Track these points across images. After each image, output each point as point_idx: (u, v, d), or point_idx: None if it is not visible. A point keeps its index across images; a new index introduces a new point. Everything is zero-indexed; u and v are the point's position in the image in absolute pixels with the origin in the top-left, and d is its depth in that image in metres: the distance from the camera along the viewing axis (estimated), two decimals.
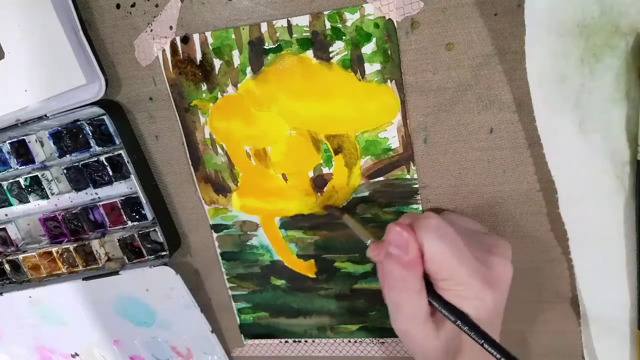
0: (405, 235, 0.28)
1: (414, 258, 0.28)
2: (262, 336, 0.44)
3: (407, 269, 0.28)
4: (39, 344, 0.50)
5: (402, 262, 0.28)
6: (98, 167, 0.39)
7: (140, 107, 0.38)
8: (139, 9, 0.34)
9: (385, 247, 0.29)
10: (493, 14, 0.29)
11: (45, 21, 0.34)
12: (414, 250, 0.28)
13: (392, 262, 0.28)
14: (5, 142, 0.40)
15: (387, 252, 0.29)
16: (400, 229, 0.28)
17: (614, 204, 0.30)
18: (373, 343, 0.42)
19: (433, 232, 0.27)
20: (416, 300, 0.28)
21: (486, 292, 0.28)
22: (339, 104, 0.34)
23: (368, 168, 0.35)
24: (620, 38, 0.26)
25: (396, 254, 0.28)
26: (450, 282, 0.28)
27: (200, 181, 0.39)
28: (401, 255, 0.28)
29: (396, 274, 0.28)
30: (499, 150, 0.32)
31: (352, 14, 0.31)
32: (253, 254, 0.41)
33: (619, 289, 0.32)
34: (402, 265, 0.28)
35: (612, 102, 0.27)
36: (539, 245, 0.34)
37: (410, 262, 0.28)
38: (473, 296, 0.28)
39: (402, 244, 0.28)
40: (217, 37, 0.34)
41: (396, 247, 0.28)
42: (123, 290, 0.43)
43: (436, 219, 0.28)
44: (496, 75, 0.30)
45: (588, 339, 0.35)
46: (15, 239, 0.44)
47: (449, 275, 0.28)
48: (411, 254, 0.28)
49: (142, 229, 0.40)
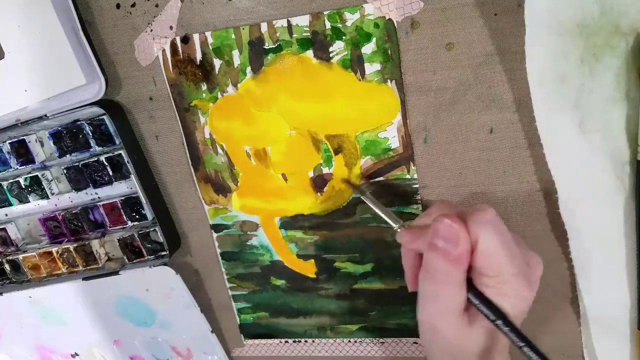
0: (456, 228, 0.26)
1: (463, 253, 0.26)
2: (262, 336, 0.44)
3: (453, 263, 0.26)
4: (39, 344, 0.50)
5: (449, 256, 0.26)
6: (98, 167, 0.39)
7: (140, 107, 0.38)
8: (139, 9, 0.34)
9: (430, 238, 0.27)
10: (493, 14, 0.29)
11: (45, 21, 0.34)
12: (464, 245, 0.26)
13: (438, 255, 0.27)
14: (5, 142, 0.40)
15: (432, 244, 0.27)
16: (451, 222, 0.26)
17: (614, 204, 0.30)
18: (373, 343, 0.42)
19: (491, 227, 0.26)
20: (457, 295, 0.27)
21: (526, 291, 0.27)
22: (339, 104, 0.34)
23: (368, 168, 0.35)
24: (620, 38, 0.26)
25: (444, 248, 0.26)
26: (497, 279, 0.26)
27: (200, 181, 0.39)
28: (450, 249, 0.26)
29: (441, 268, 0.27)
30: (499, 150, 0.32)
31: (352, 14, 0.31)
32: (253, 254, 0.41)
33: (619, 289, 0.32)
34: (449, 260, 0.26)
35: (612, 102, 0.27)
36: (539, 245, 0.34)
37: (459, 257, 0.26)
38: (514, 294, 0.26)
39: (452, 237, 0.26)
40: (217, 37, 0.34)
41: (445, 240, 0.26)
42: (123, 290, 0.43)
43: (492, 213, 0.26)
44: (496, 75, 0.30)
45: (588, 339, 0.35)
46: (15, 239, 0.44)
47: (498, 272, 0.26)
48: (461, 248, 0.26)
49: (142, 229, 0.40)
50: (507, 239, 0.26)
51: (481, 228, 0.26)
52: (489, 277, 0.26)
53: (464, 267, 0.27)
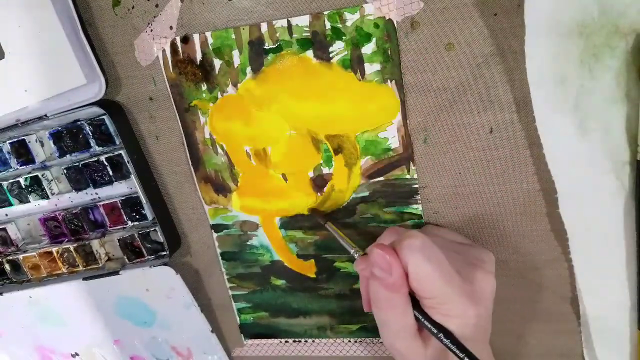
0: (387, 259, 0.28)
1: (397, 279, 0.28)
2: (262, 336, 0.44)
3: (391, 290, 0.28)
4: (39, 344, 0.50)
5: (386, 283, 0.28)
6: (98, 167, 0.39)
7: (140, 107, 0.38)
8: (139, 9, 0.34)
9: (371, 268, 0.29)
10: (493, 14, 0.29)
11: (45, 21, 0.34)
12: (397, 272, 0.28)
13: (377, 283, 0.28)
14: (5, 142, 0.40)
15: (372, 273, 0.29)
16: (382, 252, 0.28)
17: (614, 204, 0.30)
18: (373, 343, 0.42)
19: (418, 253, 0.27)
20: (402, 318, 0.29)
21: (470, 309, 0.28)
22: (339, 104, 0.34)
23: (368, 168, 0.35)
24: (620, 38, 0.26)
25: (380, 276, 0.28)
26: (435, 300, 0.28)
27: (200, 181, 0.39)
28: (385, 277, 0.28)
29: (381, 295, 0.29)
30: (499, 150, 0.32)
31: (352, 14, 0.31)
32: (253, 254, 0.41)
33: (619, 289, 0.32)
34: (386, 287, 0.28)
35: (612, 102, 0.27)
36: (539, 245, 0.34)
37: (394, 284, 0.28)
38: (457, 314, 0.28)
39: (385, 266, 0.28)
40: (217, 37, 0.34)
41: (380, 268, 0.28)
42: (123, 290, 0.43)
43: (420, 239, 0.28)
44: (496, 75, 0.30)
45: (588, 339, 0.35)
46: (15, 239, 0.44)
47: (433, 295, 0.28)
48: (394, 276, 0.28)
49: (142, 229, 0.40)
50: (439, 262, 0.28)
51: (408, 255, 0.27)
52: (428, 299, 0.28)
53: (403, 291, 0.28)
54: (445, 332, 0.28)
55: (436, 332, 0.28)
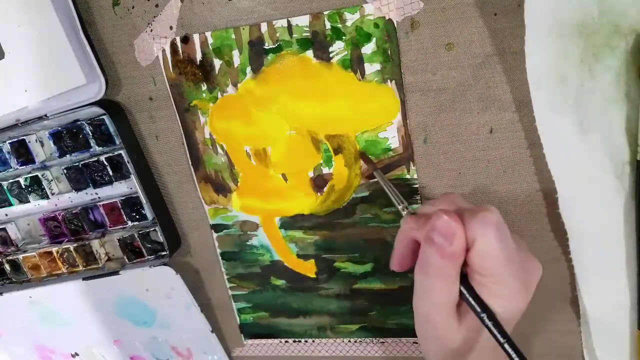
0: (453, 227, 0.26)
1: (457, 250, 0.26)
2: (262, 336, 0.44)
3: (447, 259, 0.26)
4: (39, 344, 0.50)
5: (443, 251, 0.26)
6: (98, 167, 0.39)
7: (140, 107, 0.38)
8: (139, 9, 0.34)
9: (428, 231, 0.27)
10: (493, 14, 0.29)
11: (45, 21, 0.34)
12: (460, 243, 0.26)
13: (432, 249, 0.27)
14: (5, 142, 0.40)
15: (428, 237, 0.27)
16: (449, 219, 0.26)
17: (614, 204, 0.30)
18: (373, 343, 0.42)
19: (494, 230, 0.25)
20: (447, 290, 0.27)
21: (520, 296, 0.27)
22: (339, 104, 0.34)
23: (368, 168, 0.35)
24: (620, 38, 0.26)
25: (439, 243, 0.26)
26: (490, 279, 0.26)
27: (200, 181, 0.39)
28: (444, 245, 0.26)
29: (434, 262, 0.27)
30: (499, 150, 0.32)
31: (352, 14, 0.31)
32: (253, 254, 0.41)
33: (619, 289, 0.32)
34: (443, 255, 0.26)
35: (612, 102, 0.27)
36: (539, 245, 0.34)
37: (453, 254, 0.26)
38: (506, 296, 0.27)
39: (448, 234, 0.26)
40: (217, 37, 0.34)
41: (441, 235, 0.26)
42: (123, 290, 0.43)
43: (497, 215, 0.26)
44: (496, 75, 0.30)
45: (588, 339, 0.35)
46: (15, 239, 0.44)
47: (492, 273, 0.26)
48: (455, 246, 0.26)
49: (142, 229, 0.40)
50: (507, 243, 0.26)
51: (482, 229, 0.26)
52: (484, 276, 0.26)
53: (458, 263, 0.27)
54: (489, 312, 0.26)
55: (480, 311, 0.26)
